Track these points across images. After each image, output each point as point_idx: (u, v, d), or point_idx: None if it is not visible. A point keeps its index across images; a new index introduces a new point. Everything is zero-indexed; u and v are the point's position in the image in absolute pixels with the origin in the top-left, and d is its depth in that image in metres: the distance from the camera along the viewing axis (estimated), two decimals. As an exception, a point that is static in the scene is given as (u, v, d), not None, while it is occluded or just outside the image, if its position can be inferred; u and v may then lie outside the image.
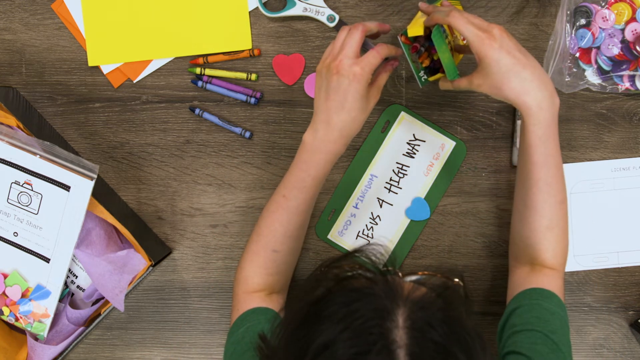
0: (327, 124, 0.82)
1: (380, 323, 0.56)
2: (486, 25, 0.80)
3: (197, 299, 1.00)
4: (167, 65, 1.00)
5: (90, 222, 0.90)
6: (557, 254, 0.85)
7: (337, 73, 0.80)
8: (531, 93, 0.79)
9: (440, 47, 0.85)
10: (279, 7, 0.99)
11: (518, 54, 0.79)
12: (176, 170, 1.00)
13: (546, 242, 0.85)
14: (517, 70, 0.79)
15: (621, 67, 0.95)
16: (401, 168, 1.00)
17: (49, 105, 1.00)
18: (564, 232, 0.86)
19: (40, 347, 0.91)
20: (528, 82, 0.79)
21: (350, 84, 0.80)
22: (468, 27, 0.79)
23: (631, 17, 0.94)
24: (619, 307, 1.00)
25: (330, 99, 0.81)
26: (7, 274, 0.90)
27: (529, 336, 0.78)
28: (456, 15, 0.80)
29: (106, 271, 0.88)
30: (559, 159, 0.84)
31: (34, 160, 0.84)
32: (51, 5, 1.00)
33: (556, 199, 0.84)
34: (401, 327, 0.56)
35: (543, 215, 0.84)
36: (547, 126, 0.81)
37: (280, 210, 0.86)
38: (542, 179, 0.83)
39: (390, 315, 0.56)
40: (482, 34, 0.79)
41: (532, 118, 0.80)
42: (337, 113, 0.81)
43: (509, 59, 0.78)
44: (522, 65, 0.79)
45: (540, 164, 0.82)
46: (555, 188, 0.84)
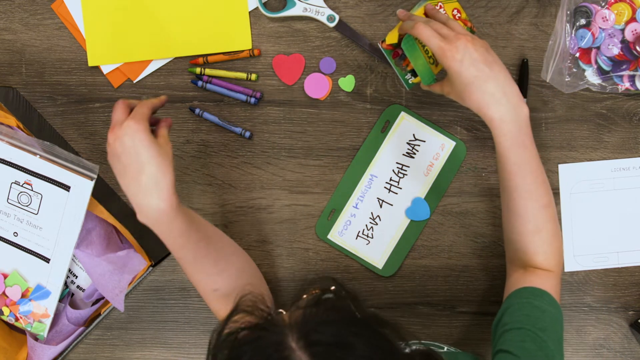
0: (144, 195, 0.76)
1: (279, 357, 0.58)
2: (452, 36, 0.80)
3: (197, 299, 1.00)
4: (167, 65, 1.00)
5: (90, 222, 0.90)
6: (549, 256, 0.85)
7: (116, 139, 0.76)
8: (492, 106, 0.80)
9: (411, 55, 0.86)
10: (279, 7, 0.99)
11: (482, 65, 0.80)
12: (176, 170, 1.00)
13: (534, 246, 0.85)
14: (479, 84, 0.80)
15: (621, 67, 0.95)
16: (401, 168, 1.00)
17: (49, 105, 1.00)
18: (553, 234, 0.85)
19: (40, 347, 0.91)
20: (489, 96, 0.80)
21: (133, 138, 0.76)
22: (431, 40, 0.80)
23: (631, 17, 0.94)
24: (619, 307, 1.00)
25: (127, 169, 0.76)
26: (7, 274, 0.90)
27: (518, 334, 0.78)
28: (421, 27, 0.81)
29: (106, 271, 0.88)
30: (536, 165, 0.84)
31: (34, 160, 0.84)
32: (51, 5, 1.00)
33: (538, 203, 0.84)
34: (297, 349, 0.58)
35: (527, 219, 0.84)
36: (514, 137, 0.81)
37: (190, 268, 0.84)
38: (520, 185, 0.83)
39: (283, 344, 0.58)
40: (444, 46, 0.80)
41: (496, 130, 0.81)
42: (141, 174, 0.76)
43: (471, 72, 0.79)
44: (484, 78, 0.80)
45: (514, 172, 0.83)
46: (535, 194, 0.84)
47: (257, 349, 0.59)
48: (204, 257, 0.83)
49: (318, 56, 0.99)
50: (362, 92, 0.99)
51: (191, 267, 0.84)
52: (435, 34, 0.81)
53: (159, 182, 0.76)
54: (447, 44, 0.80)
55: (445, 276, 1.00)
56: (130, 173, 0.76)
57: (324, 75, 0.99)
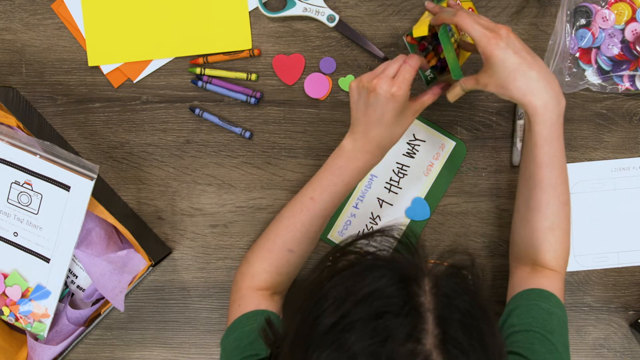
0: (364, 135, 0.84)
1: (406, 287, 0.56)
2: (493, 26, 0.80)
3: (197, 299, 1.00)
4: (167, 65, 1.00)
5: (90, 222, 0.90)
6: (558, 255, 0.85)
7: (373, 91, 0.81)
8: (537, 93, 0.79)
9: (446, 47, 0.85)
10: (279, 7, 0.99)
11: (525, 53, 0.79)
12: (176, 170, 1.00)
13: (547, 244, 0.85)
14: (524, 70, 0.79)
15: (621, 67, 0.95)
16: (401, 168, 1.00)
17: (49, 105, 1.00)
18: (566, 233, 0.86)
19: (40, 347, 0.91)
20: (534, 82, 0.79)
21: (387, 102, 0.81)
22: (475, 27, 0.80)
23: (631, 17, 0.94)
24: (619, 307, 1.00)
25: (368, 114, 0.83)
26: (7, 274, 0.90)
27: (527, 337, 0.78)
28: (463, 15, 0.81)
29: (106, 271, 0.88)
30: (564, 160, 0.84)
31: (34, 160, 0.84)
32: (51, 5, 1.00)
33: (560, 199, 0.84)
34: (428, 292, 0.56)
35: (546, 216, 0.84)
36: (552, 126, 0.81)
37: (305, 211, 0.87)
38: (546, 179, 0.83)
39: (417, 281, 0.57)
40: (488, 34, 0.79)
41: (538, 117, 0.80)
42: (376, 127, 0.83)
43: (516, 59, 0.79)
44: (529, 65, 0.79)
45: (545, 164, 0.82)
46: (559, 189, 0.84)
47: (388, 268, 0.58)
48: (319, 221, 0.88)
49: (318, 56, 0.99)
50: (362, 92, 0.99)
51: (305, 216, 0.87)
52: (478, 22, 0.81)
53: (382, 141, 0.84)
54: (491, 32, 0.79)
55: (445, 276, 1.00)
56: (367, 116, 0.83)
57: (324, 75, 0.99)
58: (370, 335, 0.54)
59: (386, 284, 0.56)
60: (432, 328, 0.55)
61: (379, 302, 0.56)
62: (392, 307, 0.55)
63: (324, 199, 0.86)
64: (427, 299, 0.56)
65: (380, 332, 0.54)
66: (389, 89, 0.80)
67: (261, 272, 0.88)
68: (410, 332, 0.54)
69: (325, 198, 0.86)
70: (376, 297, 0.56)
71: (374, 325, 0.55)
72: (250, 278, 0.88)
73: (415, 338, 0.54)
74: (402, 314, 0.55)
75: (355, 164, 0.85)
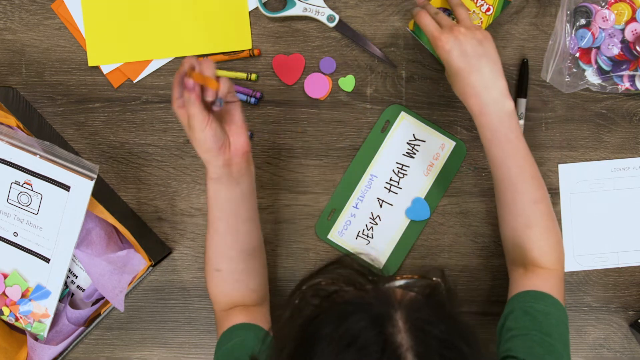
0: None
1: (381, 331, 0.55)
2: (448, 27, 0.84)
3: (197, 299, 1.00)
4: (167, 65, 1.00)
5: (90, 222, 0.90)
6: (546, 251, 0.85)
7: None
8: (471, 98, 0.84)
9: (422, 39, 0.93)
10: (279, 7, 0.99)
11: (469, 58, 0.83)
12: (176, 170, 1.00)
13: (529, 242, 0.85)
14: (463, 76, 0.83)
15: (621, 67, 0.95)
16: (401, 168, 1.00)
17: (49, 105, 1.00)
18: (548, 230, 0.85)
19: (40, 347, 0.91)
20: (470, 88, 0.83)
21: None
22: (427, 29, 0.85)
23: (631, 17, 0.94)
24: (619, 307, 1.00)
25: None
26: (7, 274, 0.90)
27: (525, 340, 0.78)
28: (420, 15, 0.86)
29: (106, 271, 0.88)
30: (522, 159, 0.84)
31: (34, 160, 0.84)
32: (51, 5, 1.00)
33: (527, 198, 0.84)
34: (402, 330, 0.55)
35: (517, 213, 0.85)
36: (494, 130, 0.83)
37: (212, 232, 0.85)
38: (506, 178, 0.85)
39: (390, 321, 0.56)
40: (437, 36, 0.84)
41: (476, 121, 0.85)
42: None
43: (457, 63, 0.83)
44: (469, 70, 0.83)
45: (499, 164, 0.85)
46: (522, 187, 0.84)
47: (358, 313, 0.56)
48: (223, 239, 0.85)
49: (318, 56, 0.99)
50: (362, 92, 0.99)
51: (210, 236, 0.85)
52: (433, 24, 0.85)
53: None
54: (440, 34, 0.83)
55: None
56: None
57: (324, 75, 0.99)
58: None
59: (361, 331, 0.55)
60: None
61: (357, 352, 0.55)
62: (373, 356, 0.54)
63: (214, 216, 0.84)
64: (403, 337, 0.55)
65: None
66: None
67: (216, 295, 0.88)
68: None
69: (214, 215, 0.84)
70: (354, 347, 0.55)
71: None
72: (215, 302, 0.89)
73: None
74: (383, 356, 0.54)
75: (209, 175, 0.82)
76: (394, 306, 0.57)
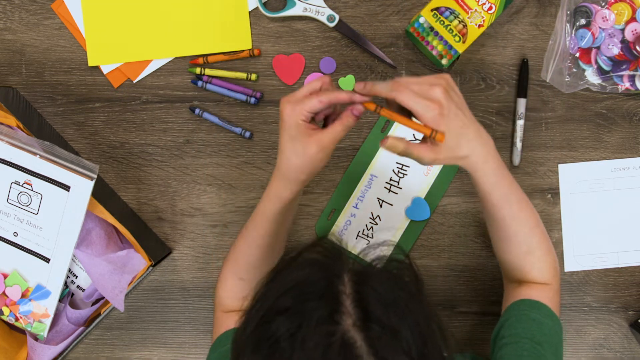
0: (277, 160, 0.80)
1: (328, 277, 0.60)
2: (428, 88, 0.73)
3: (197, 299, 1.00)
4: (167, 65, 1.00)
5: (90, 222, 0.90)
6: (544, 270, 0.85)
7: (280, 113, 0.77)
8: (476, 151, 0.76)
9: (417, 44, 0.94)
10: (279, 7, 0.99)
11: (459, 110, 0.74)
12: (176, 170, 1.00)
13: (529, 265, 0.84)
14: (464, 133, 0.74)
15: (621, 67, 0.95)
16: (401, 168, 1.00)
17: (49, 105, 1.00)
18: (546, 250, 0.85)
19: (40, 347, 0.91)
20: (472, 142, 0.75)
21: (281, 125, 0.76)
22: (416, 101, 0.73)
23: (631, 17, 0.94)
24: (619, 307, 1.00)
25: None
26: (7, 274, 0.90)
27: (516, 348, 0.77)
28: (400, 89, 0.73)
29: (106, 271, 0.88)
30: (518, 192, 0.82)
31: (34, 160, 0.84)
32: (51, 5, 1.00)
33: (527, 226, 0.83)
34: (347, 280, 0.60)
35: (519, 243, 0.83)
36: (495, 172, 0.78)
37: (243, 240, 0.86)
38: (508, 216, 0.81)
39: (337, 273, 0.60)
40: (432, 106, 0.72)
41: (480, 172, 0.77)
42: (279, 152, 0.78)
43: (457, 122, 0.74)
44: (465, 124, 0.74)
45: (501, 205, 0.80)
46: (523, 218, 0.82)
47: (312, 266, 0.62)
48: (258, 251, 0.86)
49: (318, 56, 0.99)
50: (362, 92, 0.99)
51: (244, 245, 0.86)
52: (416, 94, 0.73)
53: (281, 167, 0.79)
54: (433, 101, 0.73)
55: (445, 276, 1.00)
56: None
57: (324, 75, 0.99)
58: (291, 320, 0.58)
59: (309, 276, 0.61)
60: (350, 310, 0.58)
61: (300, 291, 0.60)
62: (313, 295, 0.59)
63: (254, 226, 0.84)
64: (345, 286, 0.59)
65: (300, 317, 0.58)
66: (283, 109, 0.75)
67: (225, 297, 0.89)
68: (328, 314, 0.57)
69: (254, 225, 0.84)
70: (299, 287, 0.60)
71: (295, 311, 0.59)
72: (220, 303, 0.89)
73: (332, 320, 0.57)
74: (322, 299, 0.58)
75: (270, 189, 0.81)
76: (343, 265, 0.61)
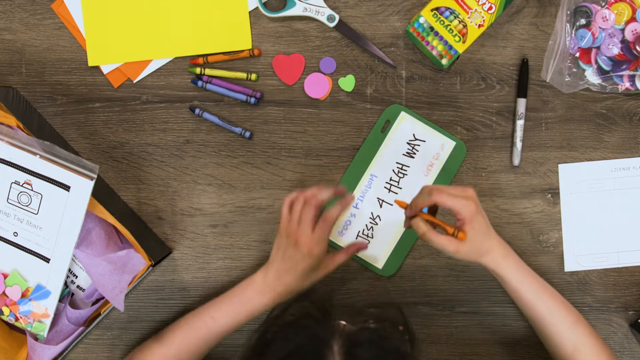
0: (277, 277, 0.88)
1: (317, 349, 0.63)
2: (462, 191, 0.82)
3: (197, 299, 1.00)
4: (167, 65, 1.00)
5: (90, 222, 0.90)
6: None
7: (294, 245, 0.86)
8: (496, 249, 0.85)
9: (417, 44, 0.95)
10: (279, 7, 0.99)
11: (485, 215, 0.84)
12: (176, 170, 1.00)
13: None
14: (487, 232, 0.84)
15: (621, 67, 0.95)
16: (401, 168, 1.00)
17: (49, 105, 1.00)
18: (595, 347, 0.87)
19: (40, 347, 0.91)
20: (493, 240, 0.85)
21: (303, 259, 0.86)
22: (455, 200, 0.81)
23: (631, 17, 0.94)
24: (619, 307, 1.00)
25: (285, 261, 0.87)
26: (7, 274, 0.90)
27: None
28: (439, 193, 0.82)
29: (106, 271, 0.88)
30: (549, 289, 0.87)
31: (34, 160, 0.84)
32: (51, 5, 1.00)
33: (568, 323, 0.86)
34: (336, 353, 0.62)
35: (564, 342, 0.86)
36: (518, 269, 0.85)
37: (203, 328, 0.90)
38: (543, 312, 0.86)
39: (327, 344, 0.63)
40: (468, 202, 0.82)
41: (503, 269, 0.85)
42: (288, 274, 0.87)
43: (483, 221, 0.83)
44: (489, 225, 0.85)
45: (534, 302, 0.86)
46: (561, 314, 0.86)
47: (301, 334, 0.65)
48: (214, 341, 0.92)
49: (318, 56, 0.99)
50: (362, 92, 1.00)
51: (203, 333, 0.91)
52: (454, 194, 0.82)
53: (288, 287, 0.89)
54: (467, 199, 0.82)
55: (445, 276, 1.00)
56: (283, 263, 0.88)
57: (324, 75, 0.99)
58: None
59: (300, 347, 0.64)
60: None
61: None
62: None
63: (224, 322, 0.89)
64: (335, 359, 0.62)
65: None
66: (309, 246, 0.85)
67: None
68: None
69: (225, 321, 0.89)
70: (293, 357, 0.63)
71: None
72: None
73: None
74: None
75: (261, 299, 0.88)
76: (333, 333, 0.64)
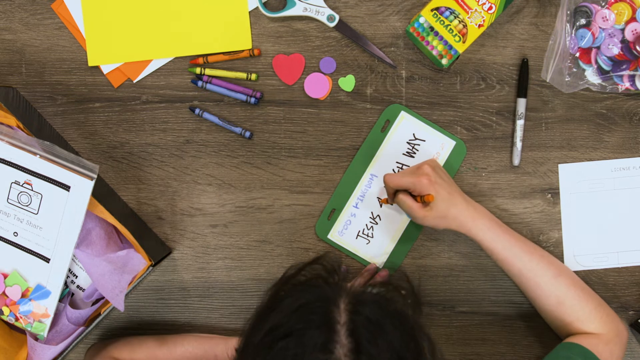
0: None
1: (325, 305, 0.65)
2: (416, 168, 0.89)
3: (197, 299, 1.00)
4: (167, 65, 1.00)
5: (90, 222, 0.90)
6: (584, 321, 0.87)
7: None
8: (463, 213, 0.89)
9: (417, 43, 0.95)
10: (279, 7, 0.99)
11: (446, 184, 0.89)
12: (176, 170, 1.00)
13: (567, 315, 0.88)
14: (451, 199, 0.88)
15: (621, 67, 0.95)
16: (401, 168, 1.00)
17: (49, 105, 1.00)
18: (580, 298, 0.88)
19: (40, 347, 0.90)
20: (459, 206, 0.89)
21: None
22: (403, 179, 0.90)
23: (631, 17, 0.94)
24: (619, 307, 1.00)
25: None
26: (7, 274, 0.90)
27: None
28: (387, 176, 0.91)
29: (106, 271, 0.88)
30: (527, 245, 0.89)
31: (34, 160, 0.84)
32: (51, 5, 1.00)
33: (548, 276, 0.88)
34: (342, 310, 0.64)
35: (546, 295, 0.88)
36: (490, 229, 0.88)
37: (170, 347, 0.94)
38: (521, 268, 0.89)
39: (334, 301, 0.65)
40: (417, 178, 0.88)
41: (473, 230, 0.89)
42: None
43: (444, 192, 0.88)
44: (452, 193, 0.89)
45: (510, 259, 0.89)
46: (539, 269, 0.88)
47: (310, 292, 0.67)
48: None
49: (318, 56, 0.99)
50: (362, 92, 1.00)
51: None
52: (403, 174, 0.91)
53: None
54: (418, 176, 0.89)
55: (445, 276, 1.00)
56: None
57: (324, 75, 0.99)
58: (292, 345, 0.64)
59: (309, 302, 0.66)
60: (344, 340, 0.63)
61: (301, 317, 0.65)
62: (311, 323, 0.64)
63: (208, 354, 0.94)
64: (341, 315, 0.64)
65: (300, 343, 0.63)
66: None
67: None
68: (324, 343, 0.63)
69: None
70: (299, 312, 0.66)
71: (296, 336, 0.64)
72: None
73: (327, 349, 0.62)
74: (319, 328, 0.63)
75: None
76: (341, 291, 0.66)
